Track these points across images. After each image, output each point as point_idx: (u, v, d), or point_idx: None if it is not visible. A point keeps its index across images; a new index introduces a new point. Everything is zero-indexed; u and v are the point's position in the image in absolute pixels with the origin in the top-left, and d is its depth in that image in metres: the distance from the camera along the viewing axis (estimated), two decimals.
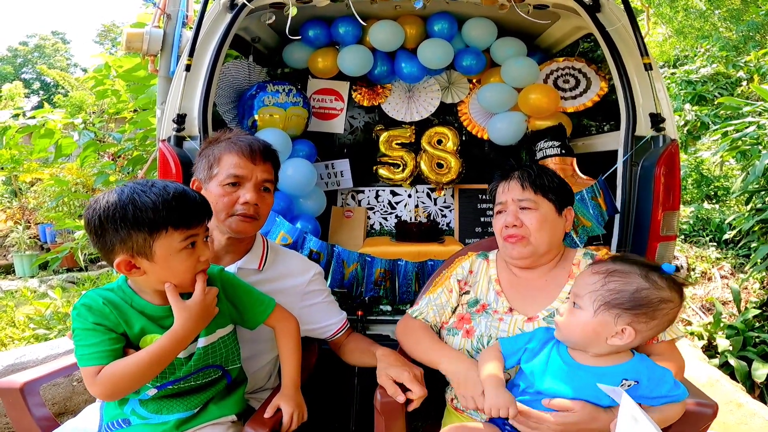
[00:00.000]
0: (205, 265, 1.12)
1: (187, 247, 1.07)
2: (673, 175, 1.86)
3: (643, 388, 1.05)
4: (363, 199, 2.91)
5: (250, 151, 1.38)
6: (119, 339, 1.08)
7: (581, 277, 1.14)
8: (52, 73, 11.32)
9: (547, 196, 1.38)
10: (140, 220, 1.02)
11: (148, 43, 2.42)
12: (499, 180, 1.46)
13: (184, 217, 1.06)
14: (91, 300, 1.09)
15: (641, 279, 1.05)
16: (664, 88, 2.00)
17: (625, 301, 1.04)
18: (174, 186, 1.08)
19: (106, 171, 3.62)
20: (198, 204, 1.10)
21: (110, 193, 1.05)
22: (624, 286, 1.05)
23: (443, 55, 2.49)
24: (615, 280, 1.06)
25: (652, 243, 1.85)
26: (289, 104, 2.39)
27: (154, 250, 1.04)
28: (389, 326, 2.13)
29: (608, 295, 1.05)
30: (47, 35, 26.88)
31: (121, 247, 1.03)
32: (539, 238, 1.36)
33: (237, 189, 1.36)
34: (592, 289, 1.07)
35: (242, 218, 1.35)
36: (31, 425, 1.28)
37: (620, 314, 1.04)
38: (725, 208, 5.67)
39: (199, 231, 1.10)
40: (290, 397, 1.26)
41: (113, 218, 1.01)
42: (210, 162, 1.38)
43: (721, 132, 4.40)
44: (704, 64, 6.73)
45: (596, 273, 1.09)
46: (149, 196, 1.03)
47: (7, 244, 7.42)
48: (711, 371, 2.76)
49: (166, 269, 1.07)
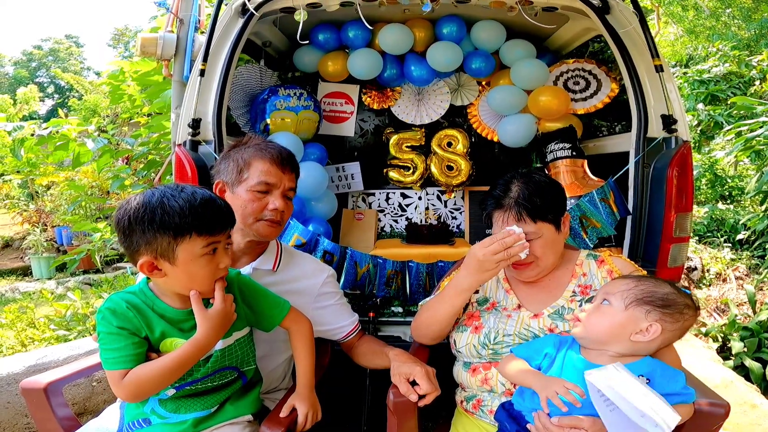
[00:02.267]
0: (224, 272, 1.15)
1: (208, 254, 1.10)
2: (686, 177, 1.85)
3: (656, 386, 1.06)
4: (373, 202, 2.93)
5: (281, 159, 1.42)
6: (142, 343, 1.11)
7: (613, 281, 1.23)
8: (66, 77, 11.51)
9: (547, 219, 1.35)
10: (166, 223, 1.05)
11: (162, 47, 2.46)
12: (492, 208, 1.39)
13: (209, 224, 1.09)
14: (115, 304, 1.12)
15: (669, 287, 1.15)
16: (675, 89, 1.99)
17: (656, 299, 1.11)
18: (202, 193, 1.11)
19: (122, 175, 3.67)
20: (223, 212, 1.13)
21: (141, 195, 1.09)
22: (655, 288, 1.14)
23: (453, 58, 2.50)
24: (647, 283, 1.15)
25: (664, 244, 1.85)
26: (301, 108, 2.41)
27: (177, 254, 1.07)
28: (401, 327, 2.15)
29: (640, 294, 1.13)
30: (61, 39, 27.28)
31: (146, 248, 1.07)
32: (545, 260, 1.37)
33: (266, 196, 1.40)
34: (626, 288, 1.15)
35: (269, 223, 1.40)
36: (54, 425, 1.31)
37: (651, 310, 1.11)
38: (740, 209, 5.61)
39: (221, 238, 1.13)
40: (305, 397, 1.29)
41: (141, 220, 1.05)
42: (239, 166, 1.40)
43: (735, 132, 4.36)
44: (716, 64, 6.65)
45: (629, 277, 1.20)
46: (177, 201, 1.06)
47: (24, 246, 7.56)
48: (725, 373, 2.74)
49: (186, 273, 1.10)
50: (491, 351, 1.33)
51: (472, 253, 1.31)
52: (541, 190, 1.36)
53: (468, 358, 1.39)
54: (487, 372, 1.34)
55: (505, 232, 1.28)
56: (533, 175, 1.40)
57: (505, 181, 1.39)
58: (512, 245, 1.26)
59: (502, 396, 1.31)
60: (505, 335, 1.33)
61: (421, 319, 1.48)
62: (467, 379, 1.38)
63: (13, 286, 6.00)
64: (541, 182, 1.38)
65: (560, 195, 1.41)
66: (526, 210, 1.32)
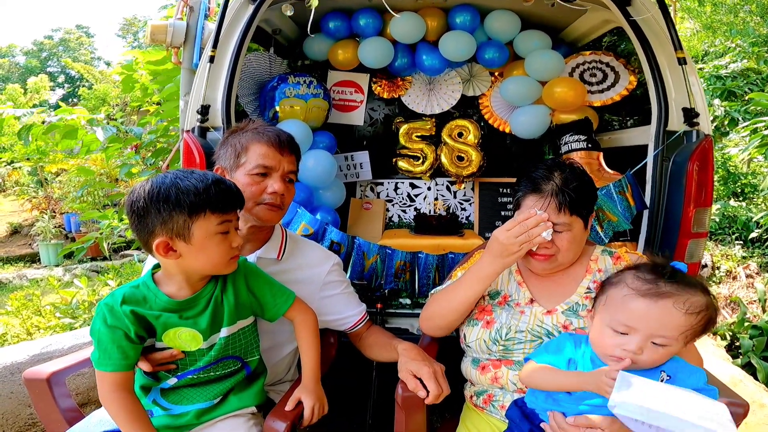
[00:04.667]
0: (236, 251, 1.17)
1: (222, 232, 1.13)
2: (706, 171, 1.81)
3: (678, 383, 1.02)
4: (382, 192, 2.90)
5: (279, 141, 1.39)
6: (132, 347, 1.11)
7: (667, 318, 1.01)
8: (76, 66, 11.57)
9: (581, 214, 1.31)
10: (182, 202, 1.07)
11: (171, 35, 2.43)
12: (528, 190, 1.33)
13: (222, 202, 1.12)
14: (113, 301, 1.12)
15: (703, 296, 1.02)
16: (698, 82, 1.95)
17: (709, 327, 1.03)
18: (212, 174, 1.15)
19: (130, 162, 3.67)
20: (233, 192, 1.18)
21: (153, 179, 1.11)
22: (711, 318, 1.02)
23: (465, 48, 2.46)
24: (706, 313, 1.01)
25: (682, 239, 1.81)
26: (310, 96, 2.38)
27: (193, 232, 1.09)
28: (408, 319, 2.13)
29: (701, 329, 1.02)
30: (72, 29, 27.35)
31: (161, 228, 1.08)
32: (567, 255, 1.33)
33: (265, 179, 1.37)
34: (690, 327, 1.01)
35: (269, 207, 1.37)
36: (56, 416, 1.29)
37: (701, 335, 1.04)
38: (752, 206, 5.52)
39: (233, 217, 1.16)
40: (311, 390, 1.27)
41: (157, 199, 1.07)
42: (237, 150, 1.39)
43: (751, 128, 4.28)
44: (734, 60, 6.54)
45: (689, 313, 1.00)
46: (191, 180, 1.10)
47: (32, 233, 7.62)
48: (734, 371, 2.71)
49: (201, 251, 1.11)
50: (502, 347, 1.30)
51: (494, 237, 1.29)
52: (583, 182, 1.33)
53: (477, 354, 1.36)
54: (497, 371, 1.30)
55: (526, 213, 1.26)
56: (575, 169, 1.36)
57: (547, 167, 1.34)
58: (534, 226, 1.24)
59: (514, 393, 1.27)
60: (518, 331, 1.30)
61: (433, 308, 1.45)
62: (476, 377, 1.35)
63: (21, 272, 6.05)
64: (583, 175, 1.35)
65: (595, 192, 1.39)
66: (569, 201, 1.28)
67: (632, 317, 1.02)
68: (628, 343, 1.01)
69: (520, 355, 1.28)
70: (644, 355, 1.01)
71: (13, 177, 8.83)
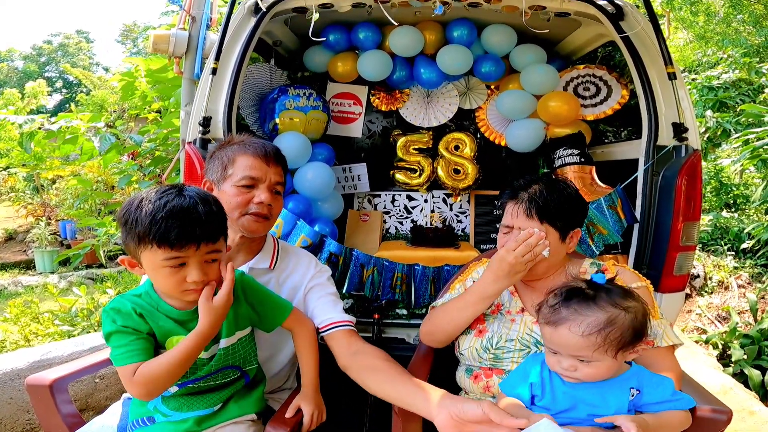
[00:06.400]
0: (192, 285, 1.10)
1: (171, 266, 1.06)
2: (695, 186, 1.85)
3: (646, 396, 1.06)
4: (379, 203, 2.93)
5: (265, 153, 1.41)
6: (148, 339, 1.12)
7: (570, 341, 1.04)
8: (75, 72, 11.55)
9: (554, 224, 1.34)
10: (133, 228, 1.05)
11: (174, 45, 2.46)
12: (508, 197, 1.42)
13: (171, 237, 1.03)
14: (119, 304, 1.14)
15: (623, 313, 1.04)
16: (687, 97, 1.98)
17: (631, 336, 1.04)
18: (181, 202, 1.06)
19: (129, 171, 3.68)
20: (197, 225, 1.06)
21: (139, 193, 1.11)
22: (621, 330, 1.02)
23: (462, 61, 2.50)
24: (610, 329, 1.02)
25: (671, 253, 1.85)
26: (310, 108, 2.41)
27: (141, 260, 1.09)
28: (405, 330, 2.15)
29: (616, 342, 1.03)
30: (71, 34, 27.36)
31: (125, 246, 1.11)
32: (537, 267, 1.36)
33: (251, 190, 1.39)
34: (599, 345, 1.02)
35: (255, 218, 1.38)
36: (58, 422, 1.31)
37: (635, 343, 1.05)
38: (744, 217, 5.59)
39: (189, 253, 1.06)
40: (311, 398, 1.30)
41: (124, 219, 1.08)
42: (224, 163, 1.40)
43: (743, 140, 4.35)
44: (726, 70, 6.62)
45: (587, 335, 1.02)
46: (153, 204, 1.04)
47: (28, 239, 7.59)
48: (725, 379, 2.74)
49: (153, 279, 1.13)
50: (492, 355, 1.34)
51: (501, 258, 1.32)
52: (560, 196, 1.37)
53: (470, 361, 1.40)
54: (488, 380, 1.34)
55: (526, 233, 1.30)
56: (560, 182, 1.42)
57: (531, 179, 1.42)
58: (536, 245, 1.29)
59: None
60: (508, 340, 1.34)
61: (434, 323, 1.48)
62: (470, 386, 1.38)
63: (16, 279, 6.02)
64: (563, 189, 1.39)
65: (578, 209, 1.41)
66: (536, 206, 1.34)
67: (550, 341, 1.09)
68: (562, 362, 1.07)
69: (510, 363, 1.32)
70: (578, 372, 1.05)
71: (8, 183, 8.79)
